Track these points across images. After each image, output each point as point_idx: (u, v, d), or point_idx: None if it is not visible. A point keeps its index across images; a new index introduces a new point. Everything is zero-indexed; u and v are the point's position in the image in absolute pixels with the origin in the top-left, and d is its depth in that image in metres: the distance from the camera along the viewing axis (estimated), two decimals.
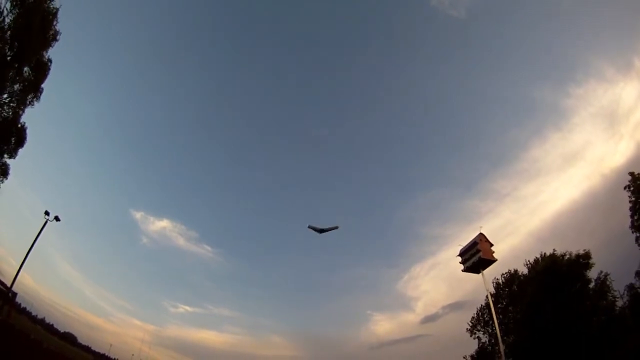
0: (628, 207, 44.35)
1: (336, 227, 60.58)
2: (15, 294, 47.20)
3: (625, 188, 45.07)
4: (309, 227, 57.55)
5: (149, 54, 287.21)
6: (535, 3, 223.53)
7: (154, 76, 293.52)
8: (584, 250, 51.56)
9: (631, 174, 44.93)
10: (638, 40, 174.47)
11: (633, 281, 42.59)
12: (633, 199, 43.23)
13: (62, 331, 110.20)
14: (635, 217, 42.34)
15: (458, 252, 69.60)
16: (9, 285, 43.29)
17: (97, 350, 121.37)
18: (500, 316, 61.81)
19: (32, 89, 33.13)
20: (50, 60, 34.67)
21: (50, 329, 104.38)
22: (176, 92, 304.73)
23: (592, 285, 49.94)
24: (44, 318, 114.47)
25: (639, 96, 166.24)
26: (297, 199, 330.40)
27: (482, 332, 67.57)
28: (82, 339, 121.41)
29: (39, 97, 34.22)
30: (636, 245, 41.97)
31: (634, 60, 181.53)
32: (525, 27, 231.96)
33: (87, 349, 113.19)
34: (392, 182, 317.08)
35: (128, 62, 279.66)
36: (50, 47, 34.42)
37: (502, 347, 54.10)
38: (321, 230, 58.01)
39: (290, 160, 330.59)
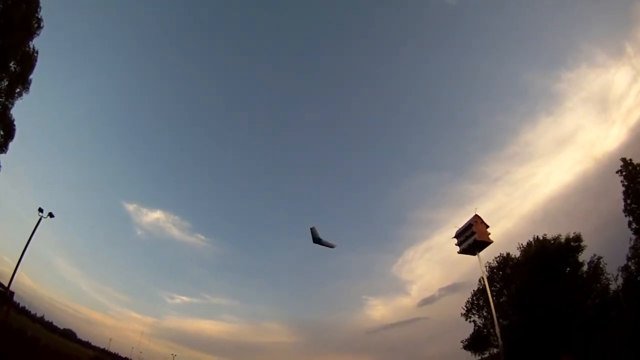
0: (620, 192, 44.42)
1: (333, 246, 59.88)
2: (12, 293, 46.13)
3: (617, 172, 45.08)
4: (312, 229, 56.66)
5: (138, 42, 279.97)
6: None
7: (143, 66, 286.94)
8: (575, 233, 51.85)
9: (623, 159, 44.95)
10: (630, 25, 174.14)
11: (626, 264, 42.49)
12: (626, 183, 43.20)
13: (61, 328, 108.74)
14: (628, 202, 42.41)
15: (454, 234, 68.77)
16: (6, 285, 42.17)
17: (97, 345, 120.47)
18: (495, 299, 61.11)
19: (20, 82, 31.79)
20: (36, 51, 33.25)
21: (49, 326, 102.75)
22: (167, 81, 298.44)
23: (584, 268, 50.22)
24: (43, 316, 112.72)
25: (631, 82, 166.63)
26: (289, 186, 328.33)
27: (477, 316, 67.63)
28: (82, 335, 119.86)
29: (28, 89, 32.91)
30: (628, 228, 41.97)
31: (626, 46, 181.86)
32: (515, 11, 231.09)
33: (87, 344, 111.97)
34: (383, 166, 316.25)
35: (117, 53, 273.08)
36: (36, 36, 33.05)
37: (498, 331, 54.00)
38: (317, 240, 57.01)
39: (283, 146, 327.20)
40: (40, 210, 45.38)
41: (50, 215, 46.53)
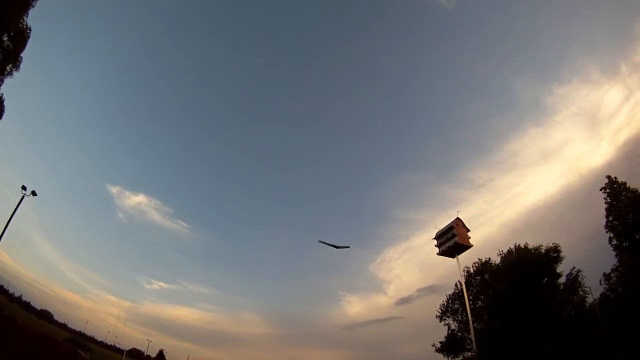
0: (603, 208, 45.24)
1: (347, 247, 60.98)
2: None
3: (601, 189, 45.80)
4: (323, 242, 57.42)
5: (127, 26, 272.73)
6: None
7: (130, 49, 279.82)
8: (554, 244, 52.41)
9: (608, 177, 45.73)
10: (627, 45, 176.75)
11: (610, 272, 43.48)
12: (609, 200, 43.98)
13: (39, 309, 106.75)
14: (610, 218, 43.24)
15: (434, 235, 68.29)
16: None
17: (73, 327, 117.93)
18: (471, 303, 61.59)
19: (12, 59, 30.54)
20: (29, 28, 32.04)
21: (27, 306, 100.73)
22: (152, 66, 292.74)
23: (562, 280, 51.04)
24: (21, 296, 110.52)
25: (622, 101, 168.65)
26: (274, 178, 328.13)
27: (452, 319, 67.60)
28: (59, 316, 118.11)
29: (19, 67, 31.64)
30: (609, 244, 42.91)
31: (621, 65, 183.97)
32: (513, 20, 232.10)
33: (63, 326, 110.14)
34: (370, 163, 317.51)
35: (104, 35, 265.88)
36: (32, 7, 31.76)
37: (473, 335, 54.71)
38: (333, 246, 57.79)
39: (270, 139, 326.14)
40: (24, 188, 44.05)
41: (33, 193, 45.08)
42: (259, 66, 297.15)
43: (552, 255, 51.68)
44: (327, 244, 57.25)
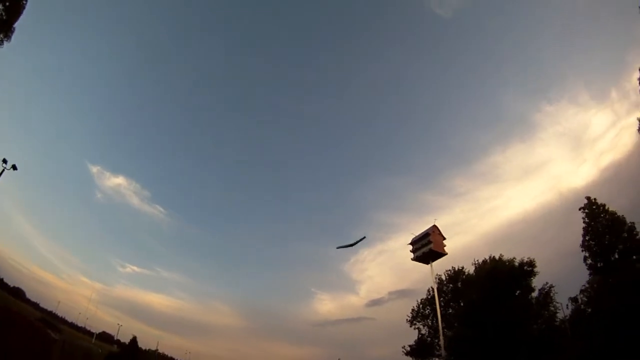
0: (580, 228, 45.91)
1: (364, 237, 61.13)
2: None
3: (580, 209, 46.59)
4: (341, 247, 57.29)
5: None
6: (524, 15, 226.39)
7: (116, 27, 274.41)
8: (529, 258, 53.19)
9: (588, 198, 46.59)
10: (620, 73, 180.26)
11: (576, 296, 44.41)
12: (587, 220, 44.84)
13: (11, 285, 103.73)
14: (587, 238, 44.06)
15: (410, 240, 69.44)
16: None
17: (45, 307, 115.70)
18: (443, 310, 62.78)
19: (4, 29, 29.30)
20: None
21: (0, 283, 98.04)
22: (141, 49, 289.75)
23: (535, 294, 51.96)
24: None
25: (609, 126, 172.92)
26: (254, 172, 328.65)
27: (422, 324, 68.85)
28: (31, 295, 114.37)
29: (10, 38, 30.28)
30: (584, 263, 43.81)
31: (611, 91, 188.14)
32: (509, 36, 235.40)
33: (35, 305, 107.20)
34: (352, 162, 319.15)
35: (92, 14, 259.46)
36: None
37: (442, 341, 55.42)
38: (350, 245, 57.68)
39: (253, 133, 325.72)
40: (4, 161, 42.66)
41: (14, 167, 43.78)
42: (250, 62, 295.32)
43: (527, 269, 52.40)
44: (345, 247, 57.22)
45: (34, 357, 23.36)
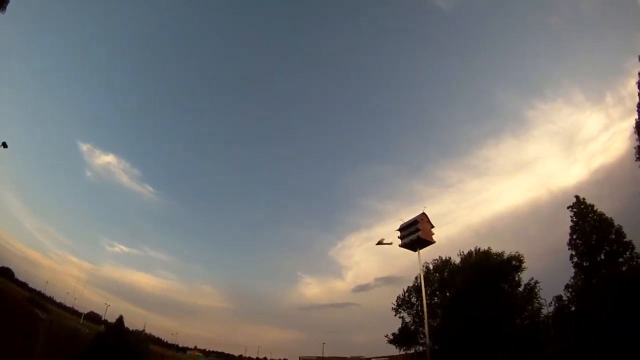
0: (568, 226, 46.28)
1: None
2: None
3: (568, 208, 46.94)
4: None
5: None
6: (525, 13, 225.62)
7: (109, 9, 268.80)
8: (517, 253, 53.80)
9: (577, 197, 46.85)
10: (617, 78, 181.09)
11: (561, 293, 45.02)
12: (575, 219, 45.22)
13: (0, 265, 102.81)
14: (574, 237, 44.44)
15: (398, 227, 67.84)
16: None
17: (33, 287, 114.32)
18: (428, 299, 62.67)
19: None
20: None
21: None
22: (134, 26, 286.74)
23: (521, 289, 52.58)
24: None
25: (602, 128, 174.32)
26: (243, 154, 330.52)
27: (406, 313, 69.68)
28: (19, 274, 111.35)
29: (5, 8, 29.15)
30: (570, 261, 44.33)
31: (607, 95, 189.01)
32: (507, 31, 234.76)
33: (23, 285, 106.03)
34: (344, 148, 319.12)
35: None
36: None
37: (427, 330, 55.92)
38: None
39: (244, 116, 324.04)
40: None
41: (4, 145, 43.02)
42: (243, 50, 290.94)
43: (515, 263, 52.99)
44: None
45: (20, 336, 23.09)
